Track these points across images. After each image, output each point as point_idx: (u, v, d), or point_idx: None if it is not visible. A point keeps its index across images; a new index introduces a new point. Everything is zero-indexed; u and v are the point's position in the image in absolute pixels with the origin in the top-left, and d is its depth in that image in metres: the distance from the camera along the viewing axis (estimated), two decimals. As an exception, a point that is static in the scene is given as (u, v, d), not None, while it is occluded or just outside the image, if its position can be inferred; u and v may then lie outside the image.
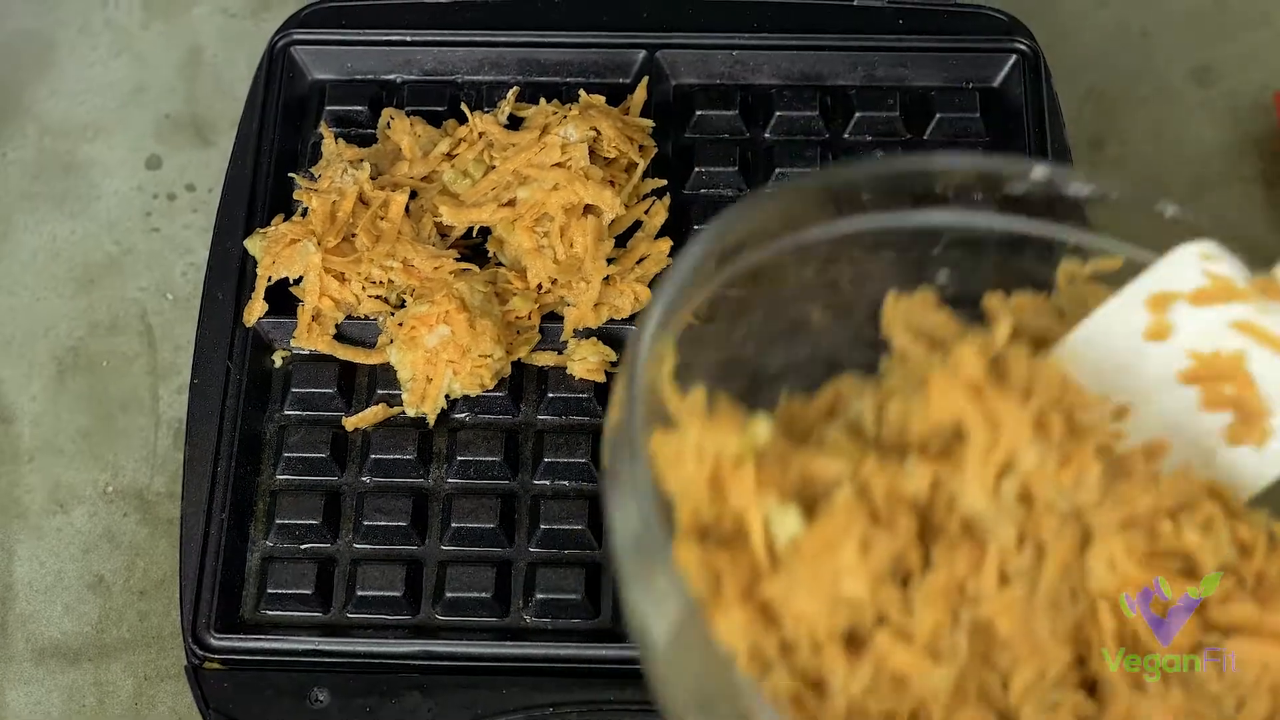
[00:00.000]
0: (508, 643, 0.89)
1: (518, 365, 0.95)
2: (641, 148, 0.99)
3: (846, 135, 1.02)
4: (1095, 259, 0.73)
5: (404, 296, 0.95)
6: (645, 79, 1.03)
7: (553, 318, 0.96)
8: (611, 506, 0.63)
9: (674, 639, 0.61)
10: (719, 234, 0.69)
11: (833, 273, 0.75)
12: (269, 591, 0.90)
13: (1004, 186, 0.73)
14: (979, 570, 0.63)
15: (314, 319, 0.95)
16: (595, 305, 0.95)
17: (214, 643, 0.89)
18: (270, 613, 0.91)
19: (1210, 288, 0.68)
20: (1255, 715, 0.64)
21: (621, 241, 0.98)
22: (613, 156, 0.98)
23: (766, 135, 1.03)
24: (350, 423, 0.94)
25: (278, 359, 0.96)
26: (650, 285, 0.95)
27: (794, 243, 0.72)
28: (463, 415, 0.95)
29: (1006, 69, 1.03)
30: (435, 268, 0.95)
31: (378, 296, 0.96)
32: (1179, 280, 0.68)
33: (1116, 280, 0.72)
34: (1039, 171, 0.71)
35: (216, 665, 0.89)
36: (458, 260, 0.95)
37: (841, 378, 0.71)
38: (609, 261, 0.96)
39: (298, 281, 0.96)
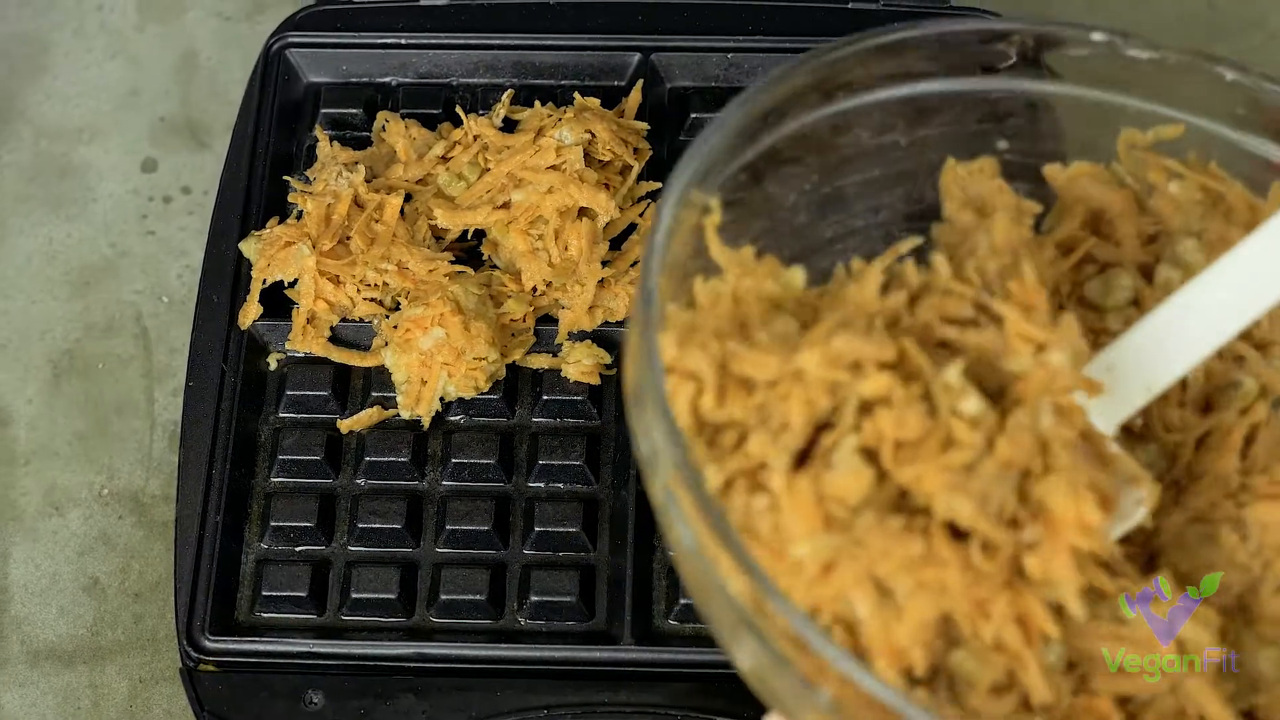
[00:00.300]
0: (502, 645, 0.89)
1: (512, 368, 0.95)
2: (636, 150, 0.99)
3: (841, 138, 1.03)
4: (1156, 127, 0.73)
5: (399, 299, 0.96)
6: (640, 81, 1.03)
7: (547, 320, 0.96)
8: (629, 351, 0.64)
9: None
10: (761, 93, 0.68)
11: (889, 137, 0.74)
12: (264, 594, 0.91)
13: (1064, 49, 0.73)
14: None
15: (309, 322, 0.95)
16: (590, 308, 0.95)
17: (209, 645, 0.89)
18: (265, 615, 0.91)
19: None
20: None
21: (616, 244, 0.98)
22: (607, 159, 0.98)
23: (761, 138, 1.03)
24: (345, 425, 0.95)
25: (272, 361, 0.97)
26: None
27: (844, 107, 0.72)
28: (457, 418, 0.95)
29: (1001, 72, 1.03)
30: (430, 270, 0.95)
31: (372, 299, 0.96)
32: None
33: (1176, 148, 0.72)
34: (1098, 35, 0.71)
35: (211, 667, 0.89)
36: (452, 263, 0.96)
37: (897, 245, 0.71)
38: (604, 264, 0.96)
39: (293, 284, 0.96)
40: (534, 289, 0.96)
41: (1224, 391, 0.71)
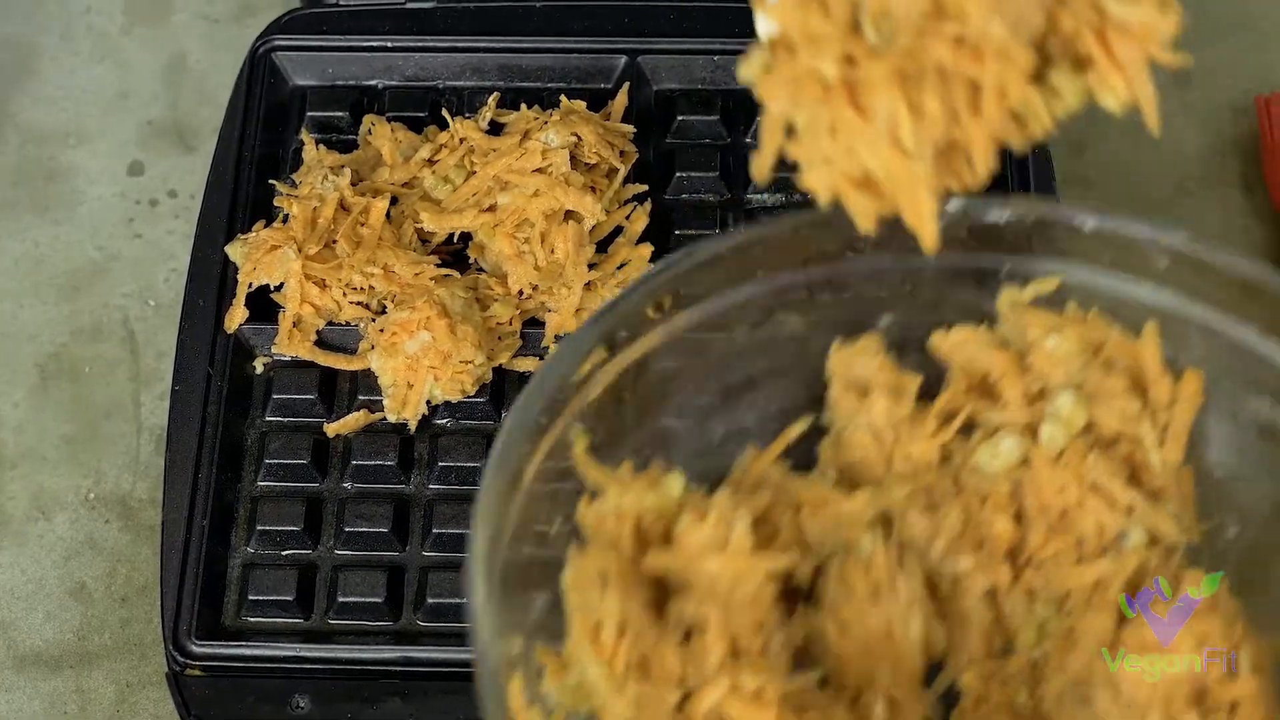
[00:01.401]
0: (489, 648, 0.89)
1: (499, 371, 0.95)
2: (622, 153, 0.99)
3: (828, 140, 1.02)
4: (1033, 282, 0.74)
5: (385, 303, 0.95)
6: (626, 84, 1.03)
7: (534, 323, 0.96)
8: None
9: None
10: (606, 316, 0.69)
11: (767, 331, 0.75)
12: (250, 598, 0.90)
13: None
14: None
15: (295, 325, 0.95)
16: (576, 311, 0.95)
17: (195, 649, 0.88)
18: (251, 619, 0.91)
19: None
20: None
21: (603, 247, 0.98)
22: (594, 162, 0.98)
23: (748, 140, 1.03)
24: (331, 429, 0.94)
25: (259, 365, 0.96)
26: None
27: (706, 311, 0.73)
28: (444, 421, 0.95)
29: (987, 74, 1.03)
30: (416, 274, 0.95)
31: (359, 303, 0.96)
32: None
33: (1056, 301, 0.73)
34: (953, 206, 0.71)
35: (198, 672, 0.89)
36: (439, 266, 0.95)
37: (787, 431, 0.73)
38: (590, 267, 0.96)
39: (279, 288, 0.96)
40: (520, 292, 0.96)
41: (1114, 543, 0.72)
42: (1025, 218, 0.73)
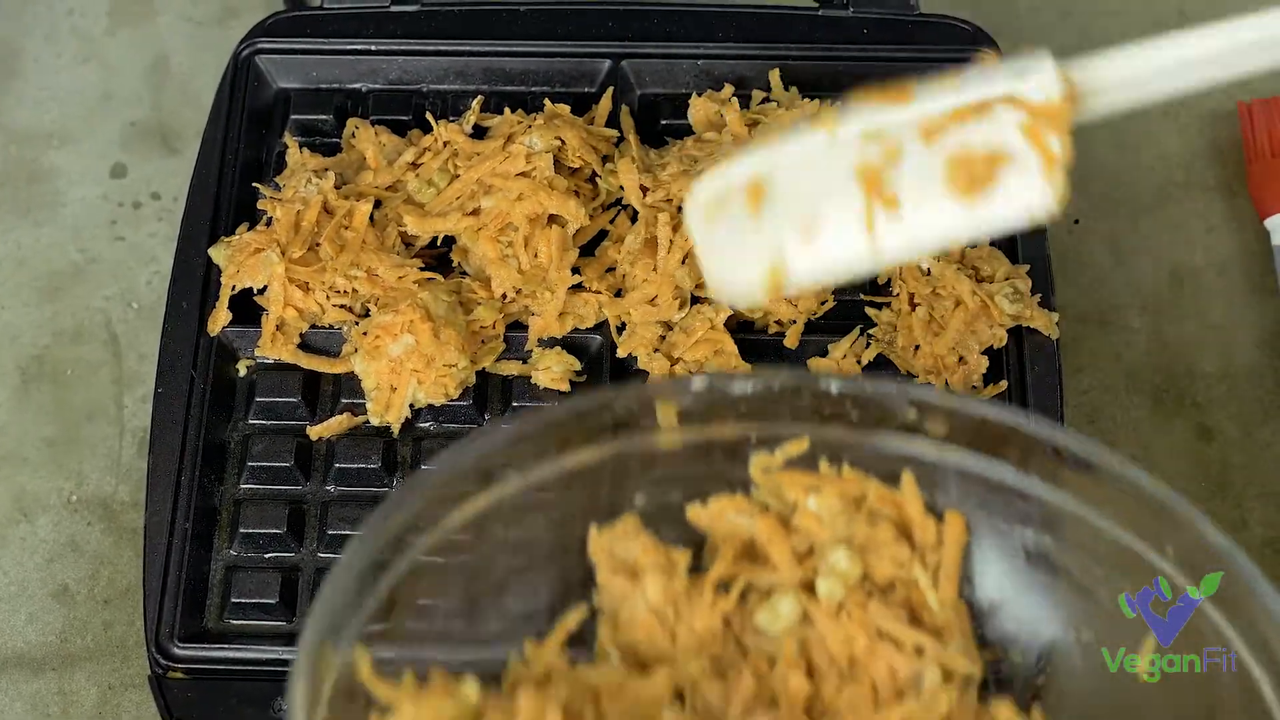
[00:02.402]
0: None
1: (482, 374, 0.95)
2: (606, 158, 0.99)
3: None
4: (782, 445, 0.76)
5: (368, 306, 0.95)
6: (610, 88, 1.03)
7: (517, 327, 0.96)
8: None
9: None
10: (370, 541, 0.69)
11: (527, 525, 0.76)
12: (233, 600, 0.90)
13: (656, 409, 0.75)
14: None
15: (278, 328, 0.95)
16: (560, 314, 0.95)
17: (178, 652, 0.88)
18: (234, 622, 0.91)
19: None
20: None
21: (587, 251, 0.98)
22: (577, 166, 0.98)
23: (731, 144, 1.03)
24: (314, 432, 0.94)
25: (242, 368, 0.96)
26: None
27: (462, 517, 0.73)
28: (427, 424, 0.95)
29: (970, 79, 1.03)
30: (399, 277, 0.95)
31: (342, 306, 0.96)
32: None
33: (808, 462, 0.75)
34: (697, 384, 0.75)
35: (180, 675, 0.89)
36: (422, 270, 0.95)
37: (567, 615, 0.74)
38: (574, 271, 0.96)
39: (262, 291, 0.96)
40: (503, 295, 0.96)
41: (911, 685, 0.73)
42: (771, 386, 0.75)
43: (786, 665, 0.72)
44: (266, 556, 0.92)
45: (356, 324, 0.95)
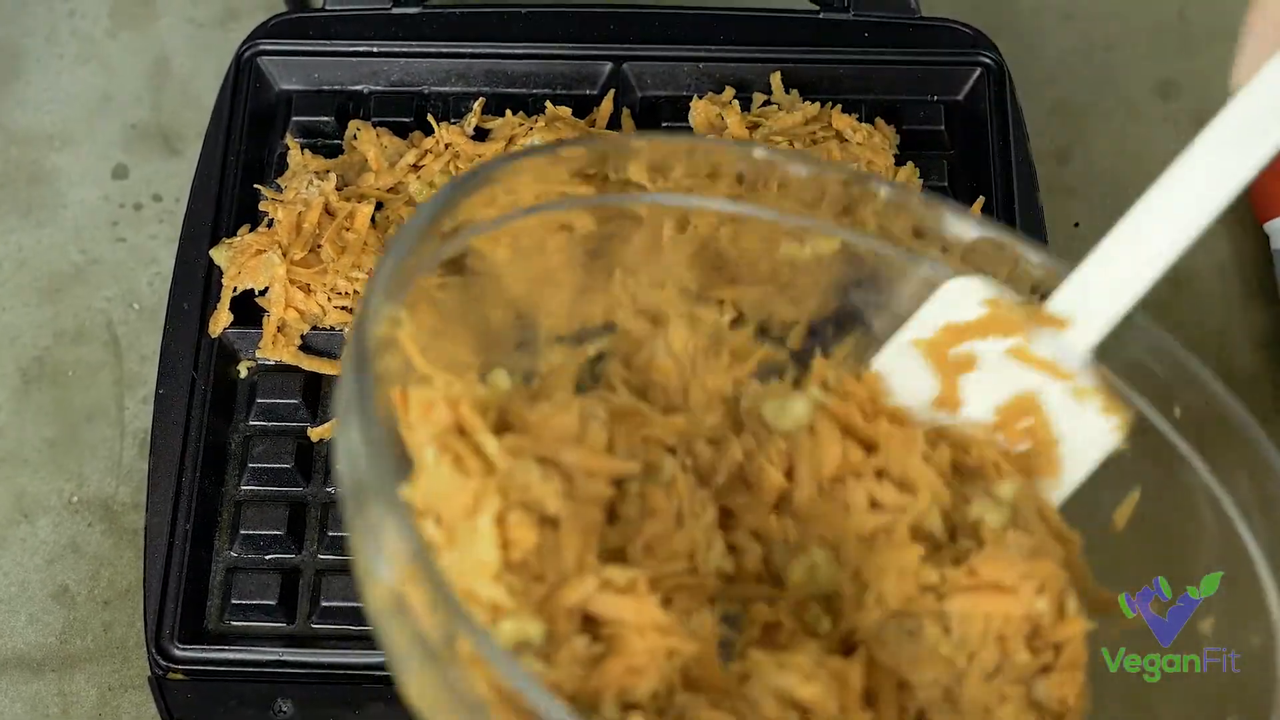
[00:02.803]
0: (472, 654, 0.89)
1: (483, 376, 0.95)
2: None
3: (812, 147, 1.03)
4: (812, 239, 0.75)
5: (369, 307, 0.95)
6: (612, 91, 1.03)
7: (518, 329, 0.96)
8: (340, 451, 0.61)
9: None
10: (447, 201, 0.67)
11: (562, 249, 0.74)
12: (233, 602, 0.90)
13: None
14: None
15: (279, 330, 0.95)
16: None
17: (178, 653, 0.88)
18: (234, 623, 0.91)
19: (989, 317, 0.71)
20: (985, 665, 0.66)
21: (587, 253, 0.98)
22: (579, 168, 0.98)
23: (732, 147, 1.03)
24: (315, 433, 0.94)
25: (243, 369, 0.96)
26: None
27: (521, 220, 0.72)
28: (428, 426, 0.95)
29: (971, 82, 1.03)
30: None
31: (343, 308, 0.96)
32: (959, 312, 0.71)
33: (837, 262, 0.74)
34: (759, 151, 0.73)
35: (180, 676, 0.89)
36: (423, 271, 0.96)
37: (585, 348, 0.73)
38: (574, 273, 0.96)
39: (263, 292, 0.96)
40: (505, 297, 0.96)
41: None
42: (822, 173, 0.74)
43: (767, 459, 0.71)
44: (267, 558, 0.92)
45: None
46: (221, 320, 0.96)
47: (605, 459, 0.66)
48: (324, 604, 0.90)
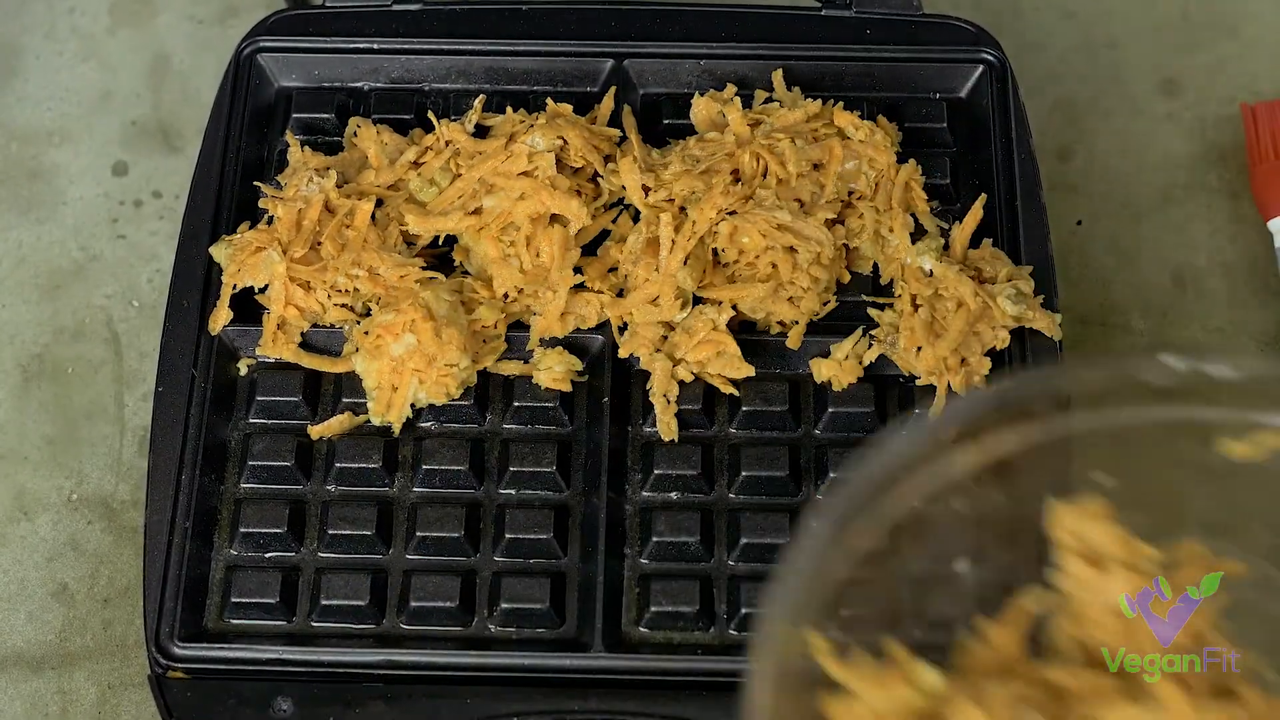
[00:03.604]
0: (472, 652, 0.89)
1: (484, 374, 0.95)
2: (608, 158, 0.99)
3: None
4: (1258, 434, 0.72)
5: (370, 305, 0.95)
6: (613, 88, 1.03)
7: (519, 327, 0.96)
8: None
9: None
10: (831, 515, 0.67)
11: (980, 499, 0.73)
12: (233, 600, 0.90)
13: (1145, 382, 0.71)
14: None
15: (279, 327, 0.95)
16: (561, 314, 0.95)
17: (177, 652, 0.88)
18: (234, 622, 0.91)
19: None
20: None
21: (589, 251, 0.97)
22: (580, 166, 0.98)
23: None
24: (315, 431, 0.94)
25: (243, 367, 0.96)
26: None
27: (920, 490, 0.71)
28: (428, 424, 0.95)
29: (974, 79, 1.03)
30: (401, 276, 0.95)
31: (343, 305, 0.96)
32: None
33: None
34: (1177, 363, 0.70)
35: (180, 674, 0.88)
36: (424, 269, 0.95)
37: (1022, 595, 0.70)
38: (575, 271, 0.95)
39: (263, 290, 0.96)
40: (505, 295, 0.96)
41: None
42: (1257, 374, 0.71)
43: None
44: (267, 556, 0.92)
45: (358, 323, 0.95)
46: (221, 318, 0.95)
47: None
48: (324, 602, 0.90)
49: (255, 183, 1.00)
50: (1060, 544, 0.71)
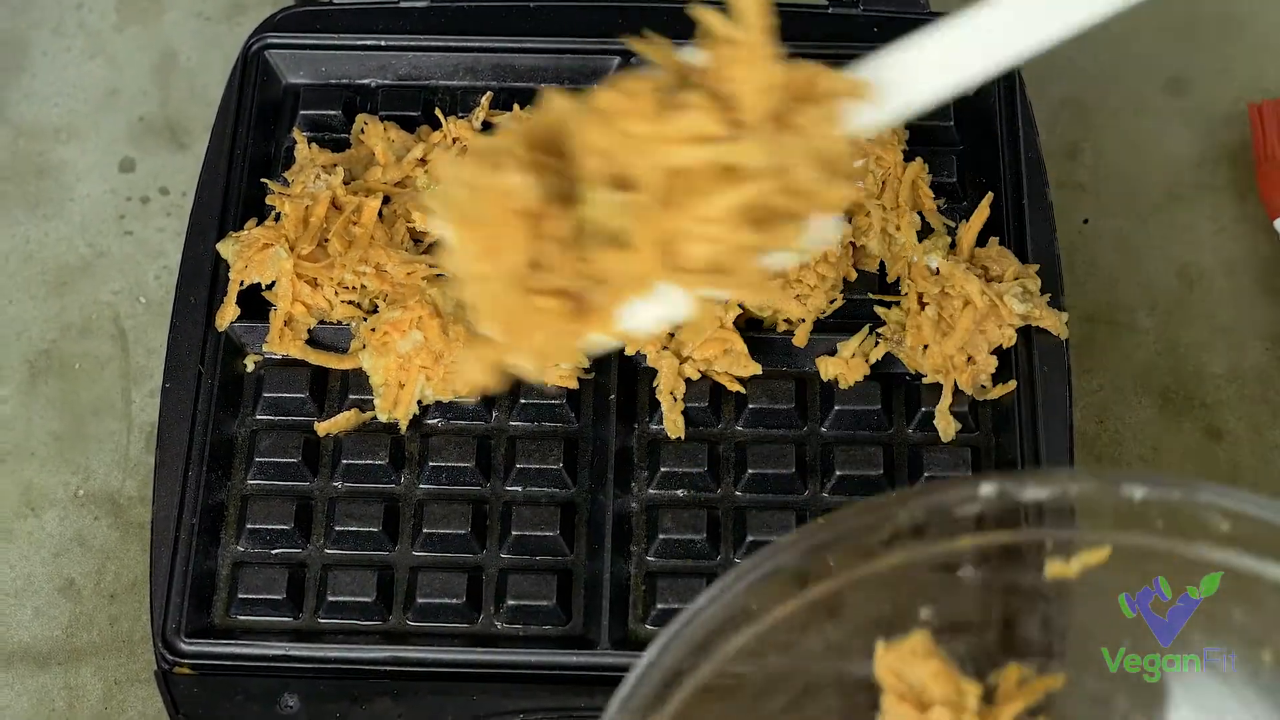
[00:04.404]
0: (478, 649, 0.89)
1: (490, 371, 0.95)
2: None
3: (821, 143, 1.02)
4: (1079, 553, 0.72)
5: (377, 302, 0.95)
6: (620, 85, 1.03)
7: (525, 324, 0.96)
8: None
9: None
10: (671, 647, 0.67)
11: (801, 649, 0.72)
12: (240, 596, 0.90)
13: (955, 514, 0.71)
14: None
15: (286, 324, 0.95)
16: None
17: (184, 648, 0.88)
18: (241, 618, 0.91)
19: None
20: None
21: (595, 248, 0.97)
22: (587, 163, 0.98)
23: (741, 142, 1.03)
24: (322, 428, 0.94)
25: (250, 364, 0.96)
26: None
27: (748, 635, 0.70)
28: (435, 421, 0.95)
29: (980, 78, 1.03)
30: (408, 274, 0.95)
31: (350, 302, 0.96)
32: None
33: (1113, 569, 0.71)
34: (986, 489, 0.70)
35: (186, 670, 0.88)
36: (431, 266, 0.95)
37: None
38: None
39: (270, 286, 0.96)
40: (512, 293, 0.96)
41: None
42: (1066, 492, 0.71)
43: None
44: (273, 552, 0.92)
45: (365, 320, 0.95)
46: (228, 314, 0.95)
47: None
48: (330, 599, 0.90)
49: (262, 179, 1.00)
50: (885, 685, 0.72)
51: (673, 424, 0.93)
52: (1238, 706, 0.72)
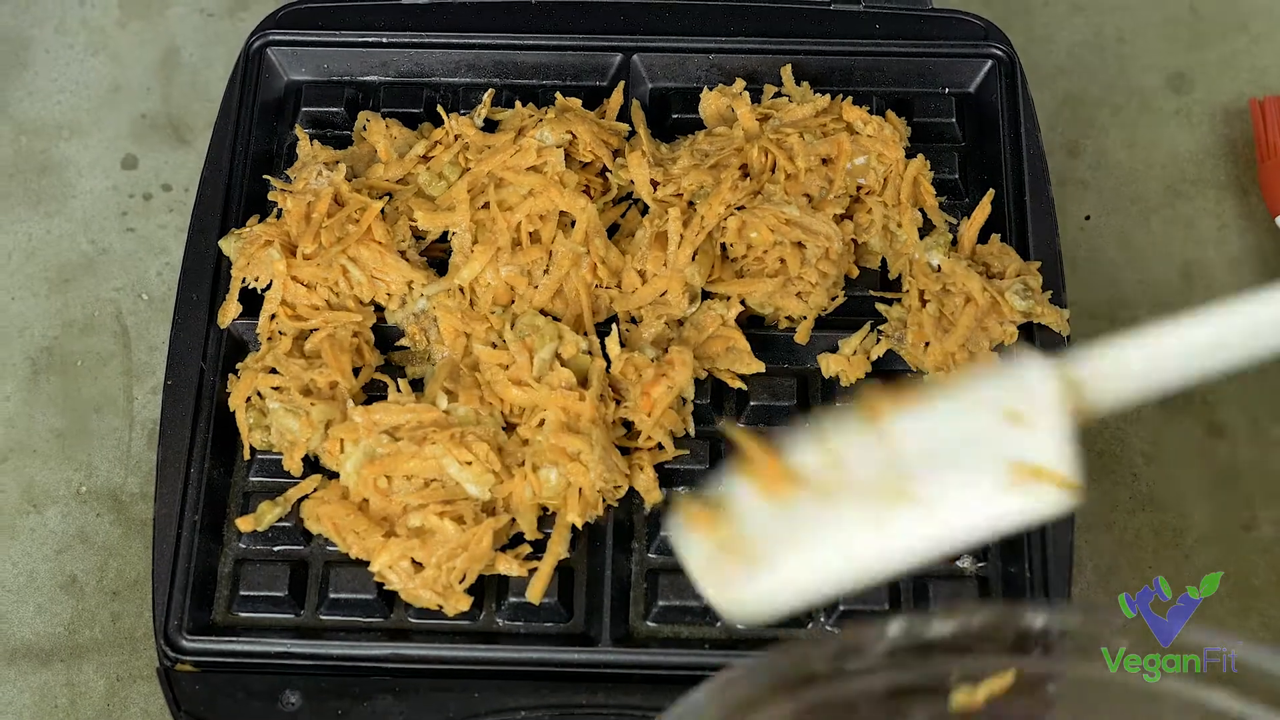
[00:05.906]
0: (480, 646, 0.89)
1: (492, 368, 0.95)
2: (617, 152, 0.99)
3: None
4: (986, 680, 0.74)
5: (377, 300, 0.95)
6: (622, 82, 1.03)
7: (527, 321, 0.96)
8: None
9: None
10: None
11: None
12: (241, 594, 0.90)
13: (860, 652, 0.73)
14: None
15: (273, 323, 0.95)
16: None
17: (186, 645, 0.88)
18: (243, 615, 0.91)
19: None
20: None
21: (597, 245, 0.97)
22: (588, 160, 0.98)
23: (742, 139, 1.03)
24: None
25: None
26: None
27: None
28: (437, 417, 0.95)
29: (983, 74, 1.03)
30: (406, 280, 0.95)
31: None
32: None
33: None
34: (894, 628, 0.72)
35: (189, 667, 0.88)
36: (430, 265, 0.95)
37: None
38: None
39: (267, 288, 0.95)
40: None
41: None
42: (969, 625, 0.73)
43: None
44: (275, 550, 0.92)
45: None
46: (230, 311, 0.95)
47: None
48: (332, 596, 0.90)
49: (264, 176, 1.00)
50: None
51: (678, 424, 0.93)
52: None
